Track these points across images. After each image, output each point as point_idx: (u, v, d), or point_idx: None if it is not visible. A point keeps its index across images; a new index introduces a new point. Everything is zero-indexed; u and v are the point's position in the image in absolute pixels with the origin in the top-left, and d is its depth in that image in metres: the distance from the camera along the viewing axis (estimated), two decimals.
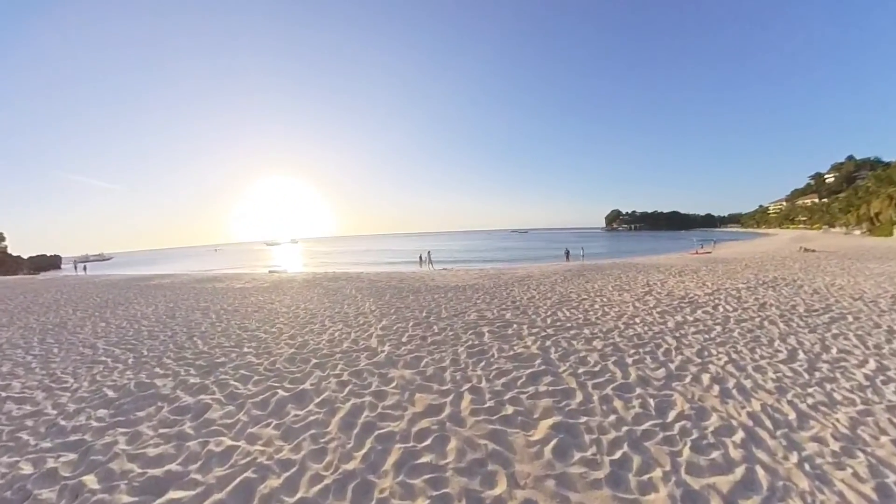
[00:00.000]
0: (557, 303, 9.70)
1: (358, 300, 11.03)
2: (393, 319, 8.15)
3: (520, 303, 9.80)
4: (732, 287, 11.19)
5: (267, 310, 10.19)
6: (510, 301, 10.09)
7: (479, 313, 8.60)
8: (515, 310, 8.93)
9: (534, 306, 9.28)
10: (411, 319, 8.09)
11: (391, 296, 11.57)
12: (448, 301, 10.32)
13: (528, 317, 8.20)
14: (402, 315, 8.60)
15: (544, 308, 9.07)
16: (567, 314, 8.41)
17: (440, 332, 7.07)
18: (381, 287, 13.90)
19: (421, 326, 7.49)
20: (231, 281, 19.47)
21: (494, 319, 7.96)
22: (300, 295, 12.83)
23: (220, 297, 13.37)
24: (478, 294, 11.49)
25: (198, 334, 7.96)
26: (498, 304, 9.64)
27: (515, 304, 9.69)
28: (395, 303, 10.29)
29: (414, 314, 8.66)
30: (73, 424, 4.30)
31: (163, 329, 8.70)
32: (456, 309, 9.12)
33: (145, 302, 13.73)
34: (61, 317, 11.33)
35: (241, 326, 8.32)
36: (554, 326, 7.40)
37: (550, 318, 8.10)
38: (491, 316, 8.31)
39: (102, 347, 7.47)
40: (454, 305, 9.62)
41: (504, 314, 8.48)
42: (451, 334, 6.85)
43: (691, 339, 6.24)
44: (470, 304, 9.71)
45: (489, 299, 10.43)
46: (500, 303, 9.88)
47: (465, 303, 10.02)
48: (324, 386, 4.72)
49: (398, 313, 8.82)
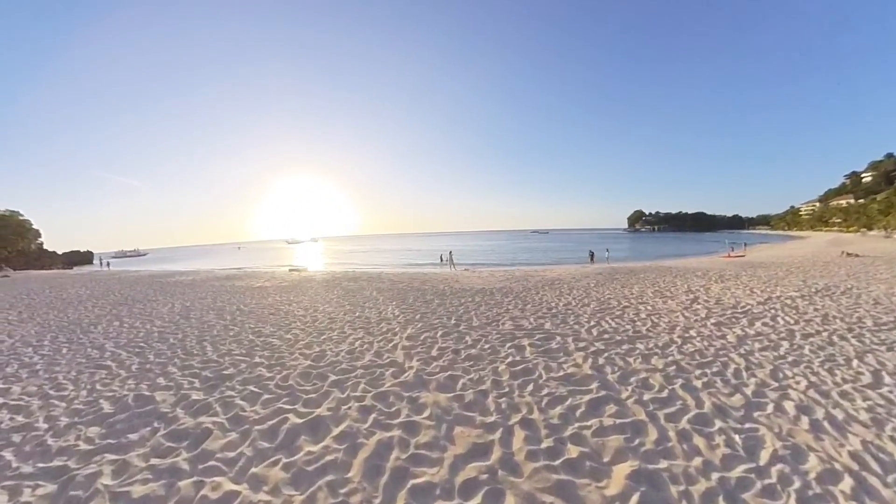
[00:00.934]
0: (598, 311, 8.73)
1: (379, 303, 10.31)
2: (419, 327, 7.36)
3: (557, 310, 8.87)
4: (784, 295, 10.02)
5: (283, 312, 9.57)
6: (545, 308, 9.17)
7: (515, 322, 7.72)
8: (554, 318, 8.02)
9: (573, 315, 8.34)
10: (439, 328, 7.28)
11: (415, 299, 10.81)
12: (477, 307, 9.47)
13: (570, 327, 7.28)
14: (429, 322, 7.80)
15: (585, 317, 8.13)
16: (613, 324, 7.46)
17: (474, 343, 6.23)
18: (403, 289, 13.18)
19: (451, 337, 6.67)
20: (250, 279, 19.16)
21: (533, 330, 7.07)
22: (319, 296, 12.23)
23: (238, 297, 12.92)
24: (508, 299, 10.60)
25: (209, 338, 7.40)
26: (533, 311, 8.73)
27: (552, 311, 8.76)
28: (419, 307, 9.51)
29: (442, 321, 7.84)
30: (60, 445, 3.79)
31: (174, 331, 8.23)
32: (488, 316, 8.26)
33: (163, 300, 13.46)
34: (79, 314, 11.17)
35: (254, 331, 7.70)
36: (602, 339, 6.48)
37: (595, 328, 7.17)
38: (528, 325, 7.42)
39: (110, 350, 7.08)
40: (485, 312, 8.76)
41: (542, 323, 7.57)
42: (486, 347, 6.00)
43: (759, 358, 5.44)
44: (502, 311, 8.83)
45: (522, 305, 9.53)
46: (534, 309, 8.97)
47: (495, 309, 9.15)
48: (343, 413, 3.95)
49: (424, 320, 8.02)
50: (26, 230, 50.73)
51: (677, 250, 45.85)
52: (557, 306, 9.36)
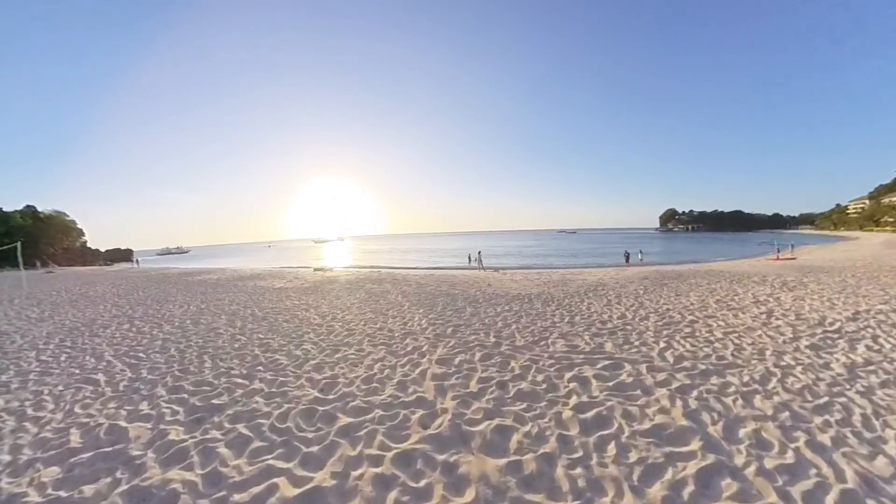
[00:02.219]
0: (663, 326, 7.23)
1: (405, 310, 9.18)
2: (452, 346, 6.12)
3: (612, 324, 7.43)
4: (873, 309, 8.13)
5: (298, 319, 8.61)
6: (598, 321, 7.74)
7: (567, 340, 6.37)
8: (612, 336, 6.60)
9: (635, 332, 6.88)
10: (476, 347, 6.02)
11: (444, 306, 9.61)
12: (517, 318, 8.16)
13: (637, 349, 5.87)
14: (463, 338, 6.56)
15: (650, 334, 6.67)
16: (687, 346, 5.98)
17: (523, 373, 4.94)
18: (430, 293, 12.02)
19: (493, 362, 5.40)
20: (273, 279, 18.61)
21: (593, 354, 5.70)
22: (339, 300, 11.26)
23: (255, 299, 12.18)
24: (550, 308, 9.23)
25: (211, 350, 6.52)
26: (585, 326, 7.33)
27: (607, 326, 7.33)
28: (450, 317, 8.29)
29: (479, 337, 6.58)
30: (10, 492, 3.05)
31: (179, 339, 7.50)
32: (533, 332, 6.93)
33: (182, 300, 13.00)
34: (96, 313, 11.07)
35: (262, 343, 6.73)
36: (682, 369, 5.05)
37: (669, 352, 5.72)
38: (585, 346, 6.05)
39: (108, 359, 6.49)
40: (528, 326, 7.43)
41: (601, 343, 6.18)
42: (540, 380, 4.69)
43: (885, 398, 4.09)
44: (548, 325, 7.49)
45: (569, 317, 8.13)
46: (585, 323, 7.56)
47: (539, 321, 7.81)
48: (351, 485, 2.77)
49: (457, 335, 6.79)
50: (71, 229, 53.78)
51: (717, 252, 42.52)
52: (611, 319, 7.92)
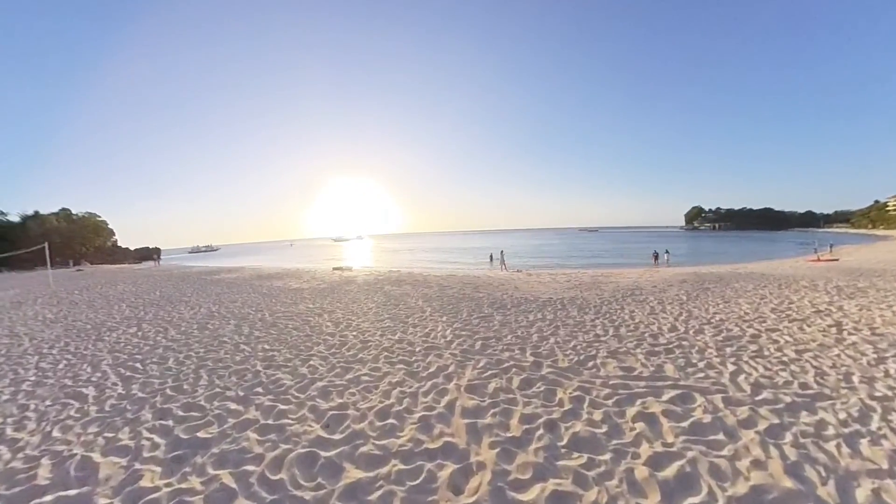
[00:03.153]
0: (724, 342, 6.05)
1: (426, 317, 8.29)
2: (482, 367, 5.15)
3: (665, 338, 6.30)
4: None
5: (310, 327, 7.85)
6: (648, 334, 6.63)
7: (618, 361, 5.32)
8: (670, 355, 5.49)
9: (695, 350, 5.74)
10: (513, 369, 5.03)
11: (469, 312, 8.67)
12: (553, 328, 7.14)
13: (704, 373, 4.76)
14: (495, 356, 5.59)
15: (712, 352, 5.54)
16: (761, 370, 4.81)
17: (575, 407, 3.92)
18: (453, 296, 11.11)
19: (536, 391, 4.39)
20: (290, 279, 18.14)
21: (653, 380, 4.64)
22: (356, 304, 10.49)
23: (269, 301, 11.59)
24: (589, 316, 8.17)
25: (210, 363, 5.85)
26: (635, 341, 6.24)
27: (660, 340, 6.21)
28: (477, 327, 7.34)
29: (513, 355, 5.59)
30: None
31: (181, 347, 6.96)
32: (576, 349, 5.89)
33: (195, 301, 12.58)
34: (108, 315, 10.95)
35: (266, 357, 5.97)
36: (764, 402, 3.95)
37: (742, 377, 4.58)
38: (641, 369, 4.99)
39: (104, 368, 6.08)
40: (568, 340, 6.40)
41: (661, 365, 5.10)
42: (598, 419, 3.64)
43: None
44: (591, 339, 6.44)
45: (613, 329, 7.06)
46: (634, 337, 6.46)
47: (579, 333, 6.78)
48: None
49: (488, 351, 5.81)
50: (102, 229, 56.02)
51: (750, 252, 39.84)
52: (662, 332, 6.80)
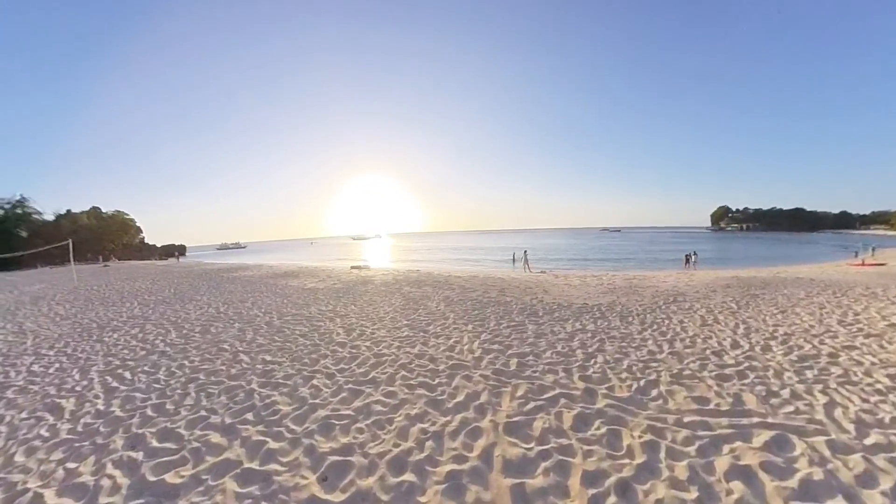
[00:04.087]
0: (798, 362, 4.86)
1: (449, 325, 7.31)
2: (522, 395, 4.07)
3: (732, 359, 5.10)
4: None
5: (319, 334, 7.00)
6: (710, 352, 5.45)
7: (687, 389, 4.18)
8: (743, 379, 4.36)
9: (771, 373, 4.57)
10: (562, 399, 3.93)
11: (498, 320, 7.64)
12: (597, 341, 6.05)
13: (793, 407, 3.65)
14: (536, 379, 4.52)
15: (792, 377, 4.40)
16: (857, 402, 3.69)
17: (649, 459, 2.87)
18: (477, 300, 10.10)
19: (595, 433, 3.35)
20: (306, 278, 17.51)
21: (736, 415, 3.52)
22: (372, 307, 9.61)
23: (280, 302, 10.88)
24: (634, 326, 7.04)
25: (202, 378, 5.07)
26: (697, 361, 5.07)
27: (725, 361, 5.03)
28: (509, 338, 6.29)
29: (558, 379, 4.50)
30: None
31: (174, 355, 6.29)
32: (631, 370, 4.79)
33: (206, 300, 12.03)
34: (119, 312, 10.70)
35: (265, 371, 5.12)
36: (877, 447, 2.97)
37: (839, 412, 3.49)
38: (718, 401, 3.85)
39: (92, 375, 5.60)
40: (619, 357, 5.30)
41: (738, 395, 3.97)
42: (683, 477, 2.63)
43: None
44: (645, 356, 5.32)
45: (667, 344, 5.89)
46: (694, 355, 5.30)
47: (630, 349, 5.67)
48: None
49: (525, 372, 4.75)
50: (130, 227, 57.77)
51: (784, 255, 37.03)
52: (724, 349, 5.62)
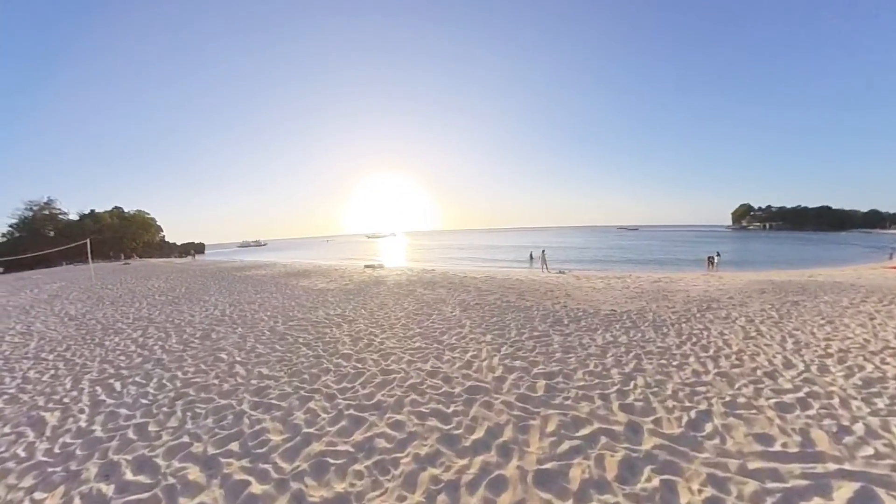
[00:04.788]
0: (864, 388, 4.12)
1: (466, 336, 6.65)
2: (553, 430, 3.39)
3: (788, 382, 4.33)
4: None
5: (324, 343, 6.46)
6: (762, 372, 4.65)
7: (747, 423, 3.43)
8: (807, 411, 3.63)
9: (839, 401, 3.81)
10: (602, 437, 3.24)
11: (519, 329, 6.96)
12: (632, 358, 5.32)
13: (873, 448, 2.97)
14: (569, 408, 3.83)
15: (861, 406, 3.71)
16: None
17: None
18: (495, 305, 9.43)
19: (645, 484, 2.71)
20: (318, 277, 17.14)
21: (807, 460, 2.81)
22: (383, 311, 9.05)
23: (288, 305, 10.45)
24: (670, 337, 6.28)
25: (191, 394, 4.62)
26: (751, 384, 4.28)
27: (780, 384, 4.25)
28: (532, 353, 5.58)
29: (595, 409, 3.78)
30: None
31: (169, 366, 5.88)
32: (678, 397, 4.03)
33: (214, 300, 11.72)
34: (124, 314, 10.52)
35: (258, 390, 4.57)
36: None
37: None
38: (785, 440, 3.11)
39: (84, 384, 5.31)
40: (661, 380, 4.56)
41: (807, 431, 3.25)
42: None
43: None
44: (689, 377, 4.57)
45: (712, 362, 5.09)
46: (746, 377, 4.51)
47: (670, 368, 4.92)
48: None
49: (555, 400, 4.05)
50: (150, 225, 59.28)
51: (813, 256, 34.72)
52: (775, 367, 4.85)
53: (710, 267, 23.56)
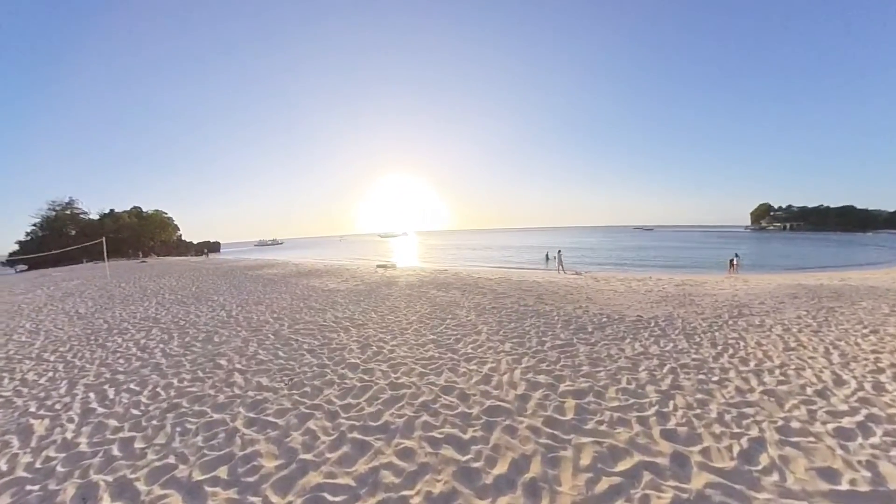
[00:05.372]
0: None
1: (483, 344, 6.13)
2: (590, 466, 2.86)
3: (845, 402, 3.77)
4: None
5: (329, 350, 6.04)
6: (812, 390, 4.07)
7: (806, 455, 2.89)
8: (869, 439, 3.16)
9: None
10: (645, 472, 2.74)
11: (539, 337, 6.40)
12: (668, 373, 4.76)
13: None
14: (604, 436, 3.31)
15: None
16: None
17: None
18: (513, 310, 8.89)
19: None
20: (329, 277, 16.84)
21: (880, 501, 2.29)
22: (394, 314, 8.61)
23: (296, 306, 10.13)
24: (705, 348, 5.68)
25: (184, 406, 4.26)
26: (802, 405, 3.71)
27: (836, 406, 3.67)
28: (557, 367, 5.03)
29: (634, 437, 3.24)
30: None
31: (166, 372, 5.59)
32: (723, 421, 3.45)
33: (221, 301, 11.48)
34: (131, 313, 10.39)
35: (255, 403, 4.16)
36: None
37: None
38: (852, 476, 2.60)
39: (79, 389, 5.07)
40: (705, 401, 3.98)
41: (873, 464, 2.76)
42: None
43: None
44: (734, 398, 3.99)
45: (755, 378, 4.52)
46: (795, 397, 3.95)
47: (712, 385, 4.35)
48: None
49: (587, 424, 3.51)
50: (167, 225, 60.36)
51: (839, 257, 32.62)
52: (826, 385, 4.27)
53: (732, 269, 22.48)
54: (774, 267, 26.21)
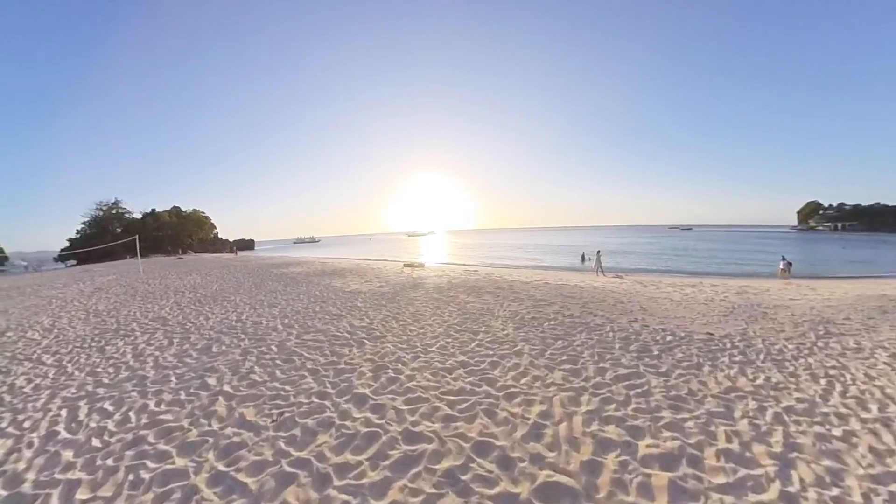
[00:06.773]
0: None
1: (524, 369, 4.90)
2: None
3: None
4: None
5: (334, 374, 5.06)
6: None
7: None
8: None
9: None
10: None
11: (595, 363, 5.10)
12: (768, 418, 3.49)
13: None
14: None
15: None
16: None
17: None
18: (557, 321, 7.63)
19: None
20: (353, 277, 16.08)
21: None
22: (417, 324, 7.56)
23: (312, 310, 9.33)
24: (801, 381, 4.30)
25: (148, 442, 3.39)
26: None
27: None
28: (625, 407, 3.75)
29: None
30: None
31: (150, 387, 4.84)
32: None
33: (239, 300, 10.90)
34: (144, 313, 10.01)
35: (228, 449, 3.21)
36: None
37: None
38: None
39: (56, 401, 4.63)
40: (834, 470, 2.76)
41: None
42: None
43: None
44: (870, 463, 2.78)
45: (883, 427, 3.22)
46: None
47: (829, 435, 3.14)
48: None
49: None
50: (205, 223, 62.76)
51: None
52: None
53: (784, 274, 19.87)
54: (836, 272, 23.18)
